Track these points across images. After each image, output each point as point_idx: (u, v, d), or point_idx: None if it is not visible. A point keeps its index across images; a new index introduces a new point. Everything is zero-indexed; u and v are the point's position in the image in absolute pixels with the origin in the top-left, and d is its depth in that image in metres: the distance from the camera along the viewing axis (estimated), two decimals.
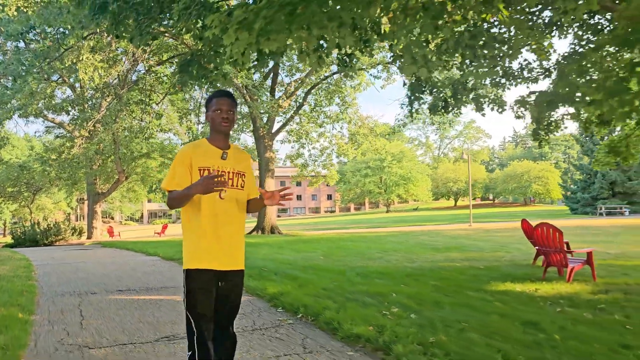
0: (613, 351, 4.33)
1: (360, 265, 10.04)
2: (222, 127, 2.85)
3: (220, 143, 2.89)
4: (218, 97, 2.86)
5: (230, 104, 2.87)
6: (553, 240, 8.02)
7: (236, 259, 2.86)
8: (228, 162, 2.87)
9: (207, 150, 2.86)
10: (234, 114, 2.90)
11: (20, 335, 4.69)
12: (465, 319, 5.38)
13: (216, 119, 2.84)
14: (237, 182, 2.88)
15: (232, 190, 2.85)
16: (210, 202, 2.76)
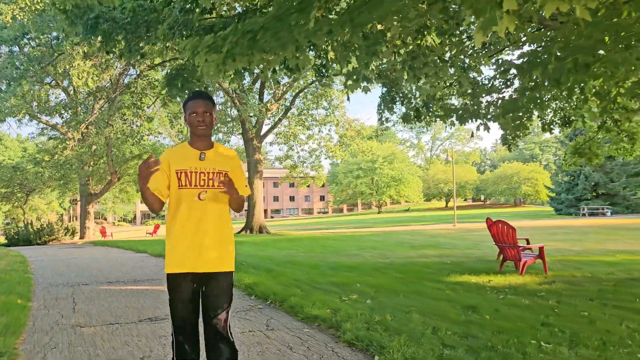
0: (532, 327, 5.05)
1: (334, 260, 10.78)
2: (199, 130, 2.82)
3: (200, 144, 2.87)
4: (193, 100, 2.84)
5: (206, 104, 2.82)
6: (507, 236, 8.77)
7: (220, 260, 2.80)
8: (207, 162, 2.83)
9: (186, 153, 2.84)
10: (210, 115, 2.84)
11: (20, 317, 5.37)
12: (414, 304, 6.11)
13: (192, 122, 2.82)
14: (218, 181, 2.82)
15: (212, 190, 2.80)
16: (188, 204, 2.76)
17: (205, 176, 2.80)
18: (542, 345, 4.44)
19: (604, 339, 4.66)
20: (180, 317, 2.78)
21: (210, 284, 2.78)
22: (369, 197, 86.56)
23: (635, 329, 5.09)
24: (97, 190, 30.57)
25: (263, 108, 23.72)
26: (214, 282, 2.78)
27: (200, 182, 2.79)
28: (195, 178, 2.79)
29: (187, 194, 2.77)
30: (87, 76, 18.83)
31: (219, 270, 2.79)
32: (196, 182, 2.79)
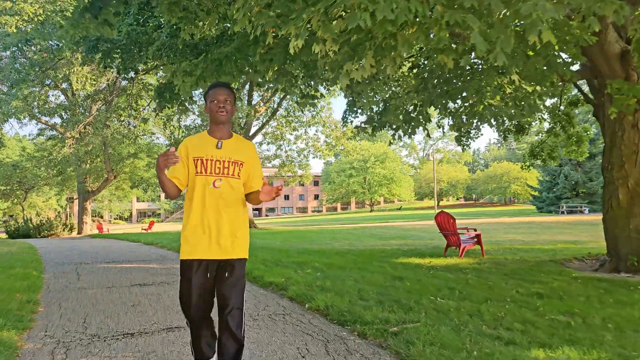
0: (438, 290, 6.48)
1: (304, 247, 12.22)
2: (219, 117, 2.85)
3: (218, 133, 2.91)
4: (214, 88, 2.89)
5: (227, 93, 2.88)
6: (449, 225, 10.21)
7: (233, 248, 2.83)
8: (224, 151, 2.86)
9: (204, 141, 2.89)
10: (230, 103, 2.90)
11: (36, 282, 6.79)
12: (354, 275, 7.54)
13: (213, 109, 2.85)
14: (233, 171, 2.86)
15: (227, 178, 2.84)
16: (202, 191, 2.80)
17: (221, 164, 2.83)
18: (437, 300, 5.88)
19: (488, 297, 6.10)
20: (193, 307, 2.81)
21: (225, 272, 2.81)
22: (362, 196, 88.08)
23: (521, 292, 6.54)
24: (94, 187, 31.92)
25: (251, 110, 25.12)
26: (228, 270, 2.81)
27: (216, 169, 2.82)
28: (211, 166, 2.82)
29: (202, 181, 2.81)
30: (85, 80, 20.18)
31: (233, 257, 2.82)
32: (212, 169, 2.81)
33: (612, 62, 7.85)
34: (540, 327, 4.72)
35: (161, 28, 8.06)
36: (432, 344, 3.97)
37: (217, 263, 2.82)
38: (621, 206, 8.40)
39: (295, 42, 2.95)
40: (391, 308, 5.31)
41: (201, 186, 2.81)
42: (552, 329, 4.67)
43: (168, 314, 5.11)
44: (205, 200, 2.79)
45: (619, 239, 8.49)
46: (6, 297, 5.60)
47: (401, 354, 3.87)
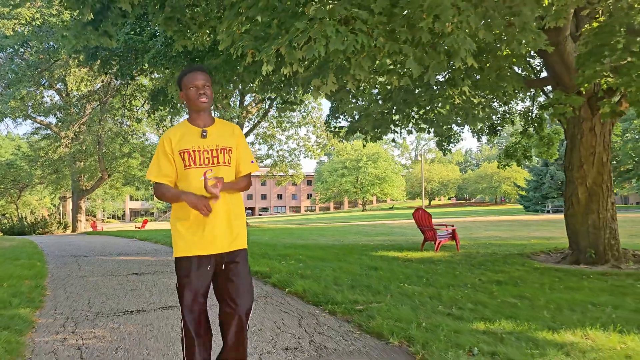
0: (407, 278, 7.16)
1: (291, 242, 12.89)
2: (200, 104, 2.67)
3: (200, 121, 2.73)
4: (190, 73, 2.70)
5: (205, 78, 2.69)
6: (425, 220, 10.91)
7: (232, 239, 2.68)
8: (210, 139, 2.69)
9: (187, 131, 2.70)
10: (209, 88, 2.72)
11: (42, 271, 7.42)
12: (334, 266, 8.22)
13: (192, 96, 2.66)
14: (224, 158, 2.70)
15: (218, 167, 2.67)
16: (193, 184, 2.63)
17: (209, 154, 2.67)
18: (405, 285, 6.57)
19: (451, 284, 6.80)
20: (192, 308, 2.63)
21: (228, 266, 2.67)
22: (354, 195, 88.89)
23: (483, 280, 7.23)
24: (88, 186, 32.43)
25: (243, 111, 25.75)
26: (231, 263, 2.67)
27: (205, 160, 2.66)
28: (200, 157, 2.66)
29: (193, 174, 2.63)
30: (80, 81, 20.74)
31: (233, 249, 2.69)
32: (201, 160, 2.65)
33: (570, 71, 8.56)
34: (489, 307, 5.41)
35: (156, 37, 8.68)
36: (389, 318, 4.65)
37: (216, 258, 2.65)
38: (580, 204, 9.12)
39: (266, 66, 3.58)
40: (361, 292, 5.99)
41: (192, 180, 2.62)
42: (499, 308, 5.36)
43: (162, 296, 5.77)
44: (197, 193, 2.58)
45: (579, 233, 9.21)
46: (16, 282, 6.24)
47: (362, 325, 4.55)
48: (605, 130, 9.04)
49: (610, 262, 8.86)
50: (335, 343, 4.13)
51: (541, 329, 4.48)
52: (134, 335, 4.24)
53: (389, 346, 4.04)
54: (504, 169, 16.84)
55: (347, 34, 3.32)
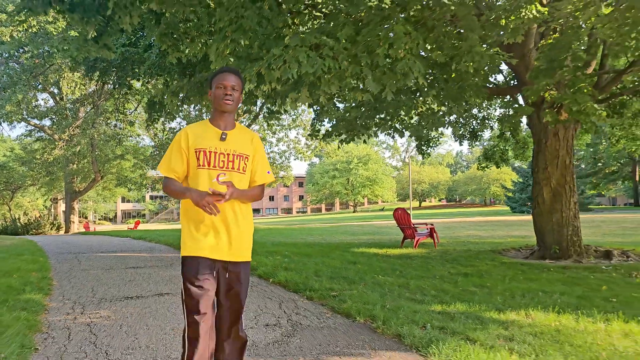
0: (383, 270, 7.83)
1: (280, 240, 13.54)
2: (225, 105, 2.62)
3: (222, 123, 2.68)
4: (222, 73, 2.67)
5: (235, 80, 2.66)
6: (404, 219, 11.60)
7: (238, 250, 2.63)
8: (228, 143, 2.63)
9: (206, 131, 2.66)
10: (238, 91, 2.68)
11: (45, 265, 8.03)
12: (316, 260, 8.88)
13: (219, 96, 2.63)
14: (239, 165, 2.65)
15: (232, 173, 2.62)
16: (205, 186, 2.56)
17: (225, 157, 2.62)
18: (379, 277, 7.24)
19: (422, 275, 7.48)
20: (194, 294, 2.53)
21: (228, 273, 2.61)
22: (345, 197, 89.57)
23: (452, 272, 7.91)
24: (81, 188, 32.89)
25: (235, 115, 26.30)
26: (232, 274, 2.62)
27: (220, 163, 2.60)
28: (215, 159, 2.60)
29: (205, 174, 2.59)
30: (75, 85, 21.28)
31: (236, 260, 2.63)
32: (215, 162, 2.60)
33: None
34: (450, 293, 6.10)
35: (151, 47, 9.31)
36: (358, 302, 5.32)
37: (222, 265, 2.59)
38: (545, 203, 9.85)
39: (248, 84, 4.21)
40: (338, 282, 6.66)
41: (205, 180, 2.56)
42: (459, 295, 6.05)
43: (158, 285, 6.41)
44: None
45: (545, 231, 9.93)
46: (25, 274, 6.86)
47: (335, 308, 5.23)
48: (569, 135, 9.78)
49: (573, 257, 9.58)
50: (310, 321, 4.79)
51: (490, 310, 5.16)
52: (134, 315, 4.88)
53: (355, 323, 4.71)
54: (483, 171, 17.58)
55: (316, 58, 3.96)
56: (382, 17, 4.19)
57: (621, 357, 3.78)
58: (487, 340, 4.07)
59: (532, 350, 3.88)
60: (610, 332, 4.44)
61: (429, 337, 4.08)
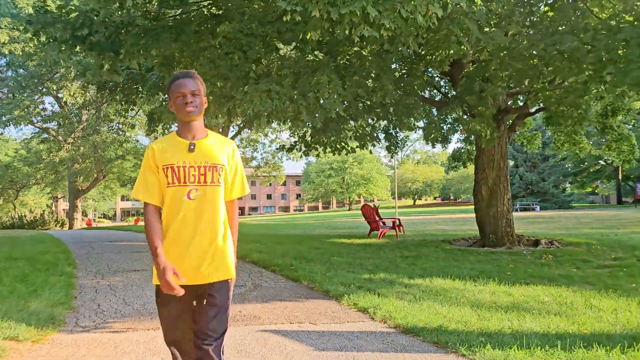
0: (339, 254, 9.66)
1: (263, 232, 15.39)
2: (187, 114, 2.32)
3: (189, 133, 2.38)
4: (176, 80, 2.37)
5: (193, 84, 2.36)
6: (371, 214, 13.44)
7: (214, 269, 2.33)
8: (198, 153, 2.34)
9: (173, 144, 2.37)
10: (200, 95, 2.36)
11: (67, 250, 9.90)
12: (287, 247, 10.73)
13: (179, 105, 2.33)
14: (212, 177, 2.34)
15: (204, 187, 2.32)
16: (176, 205, 2.30)
17: (196, 171, 2.32)
18: (334, 258, 9.08)
19: (370, 257, 9.31)
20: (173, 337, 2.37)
21: (205, 299, 2.33)
22: (340, 196, 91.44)
23: (398, 256, 9.72)
24: (84, 187, 34.71)
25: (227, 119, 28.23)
26: (209, 297, 2.33)
27: (190, 178, 2.32)
28: (184, 174, 2.32)
29: (176, 193, 2.31)
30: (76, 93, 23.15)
31: (214, 280, 2.33)
32: (185, 178, 2.31)
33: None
34: (381, 268, 7.93)
35: (152, 70, 11.12)
36: (307, 271, 7.18)
37: (198, 289, 2.33)
38: (484, 199, 11.70)
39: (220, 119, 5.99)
40: (298, 261, 8.52)
41: (174, 199, 2.31)
42: (387, 268, 7.88)
43: None
44: (181, 215, 2.30)
45: (484, 223, 11.78)
46: (54, 255, 8.72)
47: (289, 276, 7.08)
48: (502, 142, 11.61)
49: (506, 245, 11.41)
50: (268, 284, 6.65)
51: (403, 278, 7.01)
52: (140, 280, 6.74)
53: (300, 285, 6.57)
54: (455, 171, 19.37)
55: (267, 100, 5.75)
56: (313, 70, 5.95)
57: (477, 303, 5.57)
58: (387, 293, 5.91)
59: (413, 297, 5.70)
60: (481, 290, 6.27)
61: (346, 291, 5.92)
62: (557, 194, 45.36)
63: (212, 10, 7.82)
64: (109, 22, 8.24)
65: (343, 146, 11.80)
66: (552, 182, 45.31)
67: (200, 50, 6.98)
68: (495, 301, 5.59)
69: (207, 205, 2.32)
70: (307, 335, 4.31)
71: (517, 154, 46.37)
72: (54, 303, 5.09)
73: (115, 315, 4.90)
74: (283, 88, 5.83)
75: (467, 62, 9.34)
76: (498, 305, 5.34)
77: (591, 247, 10.57)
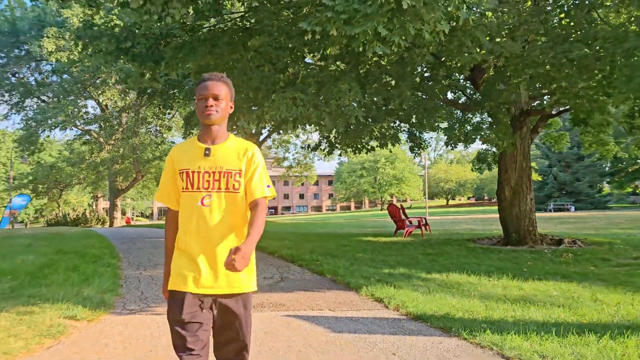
0: (364, 250, 10.12)
1: (293, 230, 15.96)
2: (206, 117, 2.24)
3: (208, 138, 2.30)
4: (201, 83, 2.29)
5: (217, 87, 2.25)
6: (397, 213, 13.85)
7: (231, 279, 2.20)
8: (214, 159, 2.25)
9: (191, 149, 2.31)
10: (223, 99, 2.27)
11: (110, 245, 10.68)
12: (315, 244, 11.25)
13: (200, 108, 2.25)
14: (227, 183, 2.24)
15: (219, 193, 2.23)
16: (189, 211, 2.23)
17: (210, 177, 2.24)
18: (358, 254, 9.55)
19: (394, 255, 9.74)
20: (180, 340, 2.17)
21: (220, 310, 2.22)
22: (372, 195, 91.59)
23: (421, 253, 10.12)
24: (123, 186, 36.09)
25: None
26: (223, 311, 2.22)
27: (204, 184, 2.23)
28: (198, 179, 2.23)
29: (189, 198, 2.24)
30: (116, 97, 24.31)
31: (231, 292, 2.21)
32: (199, 184, 2.23)
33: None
34: (402, 264, 8.37)
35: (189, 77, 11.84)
36: (331, 266, 7.68)
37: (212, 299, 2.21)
38: (507, 199, 11.96)
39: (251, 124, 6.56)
40: (324, 257, 9.03)
41: (188, 205, 2.24)
42: (408, 264, 8.31)
43: None
44: (193, 222, 2.21)
45: (507, 222, 12.04)
46: (99, 249, 9.49)
47: (314, 269, 7.60)
48: (525, 143, 11.85)
49: (529, 243, 11.65)
50: (294, 276, 7.19)
51: (421, 272, 7.45)
52: None
53: (324, 277, 7.09)
54: (480, 173, 19.50)
55: (292, 107, 6.27)
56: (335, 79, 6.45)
57: (487, 296, 5.97)
58: (404, 285, 6.37)
59: (427, 290, 6.14)
60: (494, 285, 6.66)
61: (365, 283, 6.40)
62: (592, 194, 44.55)
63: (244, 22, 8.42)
64: (149, 34, 8.94)
65: (364, 146, 12.26)
66: (587, 182, 44.52)
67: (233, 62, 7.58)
68: (506, 294, 5.97)
69: (221, 212, 2.22)
70: (325, 319, 4.81)
71: (551, 154, 45.73)
72: (103, 290, 5.75)
73: (157, 301, 5.51)
74: (307, 96, 6.35)
75: (487, 67, 9.66)
76: (507, 298, 5.72)
77: (613, 247, 10.72)
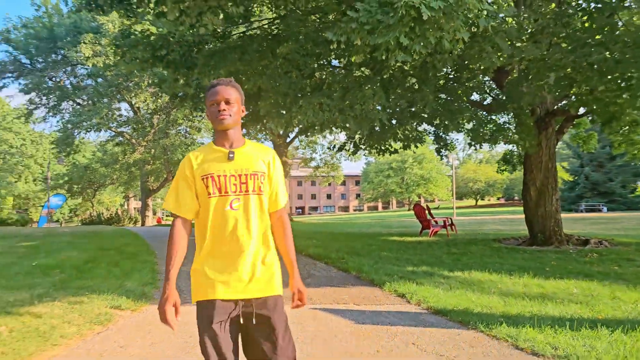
0: (389, 249, 10.37)
1: (321, 230, 16.29)
2: (220, 122, 2.23)
3: (226, 142, 2.27)
4: (212, 89, 2.28)
5: (228, 92, 2.25)
6: (422, 213, 14.03)
7: (260, 283, 2.20)
8: (238, 162, 2.24)
9: (211, 154, 2.27)
10: (235, 103, 2.26)
11: (145, 242, 11.17)
12: (342, 243, 11.54)
13: (213, 114, 2.25)
14: (254, 185, 2.23)
15: (246, 196, 2.22)
16: (218, 216, 2.20)
17: (237, 180, 2.22)
18: (383, 253, 9.81)
19: (418, 254, 9.96)
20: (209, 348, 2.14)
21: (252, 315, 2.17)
22: (399, 196, 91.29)
23: (445, 252, 10.31)
24: (155, 186, 37.04)
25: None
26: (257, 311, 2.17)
27: (232, 187, 2.21)
28: (226, 183, 2.21)
29: (218, 203, 2.20)
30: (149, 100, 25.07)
31: (262, 295, 2.20)
32: (227, 188, 2.21)
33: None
34: (425, 262, 8.59)
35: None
36: (356, 264, 7.97)
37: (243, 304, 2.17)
38: (532, 200, 12.03)
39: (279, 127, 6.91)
40: (350, 255, 9.32)
41: (216, 210, 2.19)
42: (434, 264, 8.52)
43: None
44: (223, 226, 2.19)
45: (533, 222, 12.10)
46: (135, 248, 9.98)
47: (339, 267, 7.90)
48: (551, 144, 11.90)
49: (555, 244, 11.70)
50: (320, 273, 7.51)
51: (444, 271, 7.66)
52: None
53: (349, 274, 7.38)
54: (502, 174, 19.44)
55: (318, 112, 6.58)
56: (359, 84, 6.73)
57: (507, 293, 6.17)
58: (426, 282, 6.61)
59: (448, 287, 6.38)
60: (515, 283, 6.85)
61: (388, 280, 6.67)
62: (625, 194, 43.64)
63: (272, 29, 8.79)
64: (182, 41, 9.38)
65: (387, 147, 12.52)
66: (619, 183, 43.62)
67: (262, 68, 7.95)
68: (526, 292, 6.15)
69: (250, 215, 2.21)
70: (350, 313, 5.11)
71: (583, 154, 44.92)
72: (143, 283, 6.17)
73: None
74: (333, 101, 6.65)
75: (510, 70, 9.79)
76: (526, 295, 5.90)
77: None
